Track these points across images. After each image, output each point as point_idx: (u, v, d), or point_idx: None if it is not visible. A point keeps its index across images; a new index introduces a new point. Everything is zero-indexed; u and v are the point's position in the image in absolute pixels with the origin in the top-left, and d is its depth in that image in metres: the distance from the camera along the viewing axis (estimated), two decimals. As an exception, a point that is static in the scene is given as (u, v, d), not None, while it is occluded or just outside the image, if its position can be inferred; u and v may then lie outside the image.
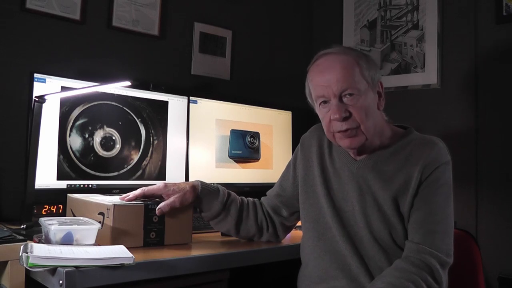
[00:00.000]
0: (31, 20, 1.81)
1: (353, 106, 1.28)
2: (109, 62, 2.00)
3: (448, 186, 1.30)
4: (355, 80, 1.28)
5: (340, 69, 1.29)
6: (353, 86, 1.28)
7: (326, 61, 1.33)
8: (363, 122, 1.29)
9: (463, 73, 2.15)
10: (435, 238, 1.23)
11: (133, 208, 1.36)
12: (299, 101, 2.67)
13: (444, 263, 1.22)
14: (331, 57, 1.32)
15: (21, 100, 1.71)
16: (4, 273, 1.20)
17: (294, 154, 1.55)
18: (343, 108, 1.28)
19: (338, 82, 1.28)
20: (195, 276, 1.31)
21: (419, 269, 1.19)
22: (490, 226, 2.02)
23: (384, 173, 1.32)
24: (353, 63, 1.30)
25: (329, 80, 1.29)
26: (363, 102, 1.29)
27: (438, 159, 1.29)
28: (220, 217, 1.48)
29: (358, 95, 1.28)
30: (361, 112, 1.28)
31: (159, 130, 1.93)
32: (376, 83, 1.34)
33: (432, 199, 1.27)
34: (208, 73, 2.32)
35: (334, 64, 1.30)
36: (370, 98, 1.31)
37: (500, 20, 2.05)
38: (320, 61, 1.34)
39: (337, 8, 2.64)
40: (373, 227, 1.30)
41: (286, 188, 1.53)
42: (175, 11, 2.22)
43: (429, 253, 1.21)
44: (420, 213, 1.26)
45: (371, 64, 1.34)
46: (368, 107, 1.30)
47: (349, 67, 1.29)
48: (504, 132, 2.02)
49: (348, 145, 1.32)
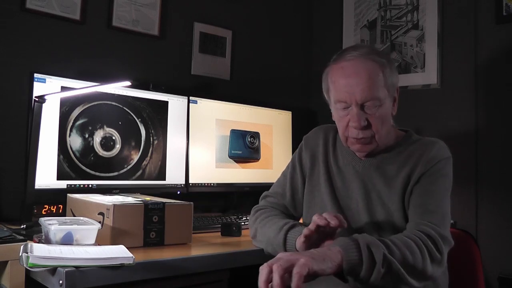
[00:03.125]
0: (31, 20, 1.81)
1: (372, 115, 1.29)
2: (109, 62, 2.00)
3: (449, 180, 1.32)
4: (378, 90, 1.28)
5: (366, 77, 1.27)
6: (376, 96, 1.28)
7: (352, 66, 1.29)
8: (378, 132, 1.30)
9: (463, 73, 2.15)
10: (434, 218, 1.23)
11: (133, 208, 1.36)
12: (299, 101, 2.70)
13: (444, 238, 1.20)
14: (358, 62, 1.29)
15: (21, 100, 1.71)
16: (4, 273, 1.20)
17: (297, 155, 1.54)
18: (363, 117, 1.28)
19: (362, 92, 1.27)
20: (195, 276, 1.32)
21: (418, 237, 1.17)
22: (490, 226, 2.02)
23: (388, 171, 1.34)
24: (379, 71, 1.29)
25: (353, 87, 1.28)
26: (382, 111, 1.30)
27: (439, 154, 1.31)
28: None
29: (379, 105, 1.29)
30: (379, 121, 1.30)
31: (159, 130, 1.93)
32: (394, 90, 1.35)
33: (432, 187, 1.28)
34: (208, 73, 2.32)
35: (361, 72, 1.28)
36: (388, 106, 1.32)
37: (500, 20, 2.04)
38: (345, 64, 1.31)
39: (337, 8, 2.64)
40: (377, 224, 1.32)
41: (298, 188, 1.51)
42: (175, 11, 2.22)
43: (428, 225, 1.21)
44: (419, 198, 1.28)
45: (393, 71, 1.34)
46: (385, 116, 1.31)
47: (374, 76, 1.28)
48: (504, 132, 2.01)
49: (358, 149, 1.35)
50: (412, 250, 1.13)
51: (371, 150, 1.34)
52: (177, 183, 1.97)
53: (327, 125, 1.54)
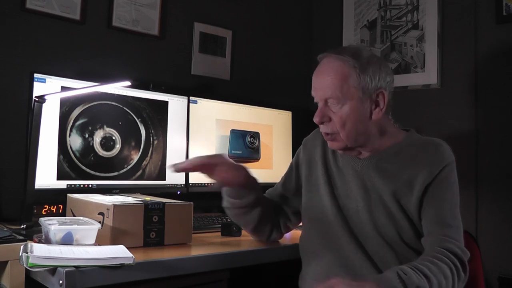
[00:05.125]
0: (31, 20, 1.81)
1: (334, 113, 1.32)
2: (109, 62, 2.00)
3: (457, 185, 1.33)
4: (342, 89, 1.30)
5: (332, 74, 1.31)
6: (336, 95, 1.30)
7: (323, 64, 1.35)
8: (341, 130, 1.32)
9: (463, 73, 2.15)
10: (452, 232, 1.25)
11: (133, 208, 1.36)
12: (299, 101, 2.70)
13: (465, 254, 1.23)
14: (328, 61, 1.34)
15: (21, 100, 1.70)
16: (4, 273, 1.21)
17: (296, 156, 1.57)
18: (323, 113, 1.33)
19: (322, 89, 1.32)
20: (195, 276, 1.32)
21: (447, 258, 1.19)
22: (490, 226, 2.02)
23: (387, 170, 1.34)
24: (347, 71, 1.30)
25: (319, 83, 1.34)
26: (345, 110, 1.31)
27: (444, 158, 1.31)
28: (246, 209, 1.47)
29: (341, 104, 1.31)
30: (340, 120, 1.31)
31: (159, 130, 1.93)
32: (373, 92, 1.32)
33: (444, 196, 1.29)
34: (208, 73, 2.32)
35: (327, 70, 1.33)
36: (357, 107, 1.31)
37: (500, 20, 2.04)
38: (320, 63, 1.37)
39: (337, 8, 2.64)
40: (378, 223, 1.32)
41: (290, 188, 1.55)
42: (175, 11, 2.22)
43: (451, 242, 1.22)
44: (433, 210, 1.28)
45: (372, 73, 1.31)
46: (349, 116, 1.31)
47: (340, 75, 1.30)
48: (504, 132, 2.01)
49: (329, 146, 1.40)
50: (446, 275, 1.16)
51: (341, 148, 1.37)
52: (177, 183, 1.97)
53: None
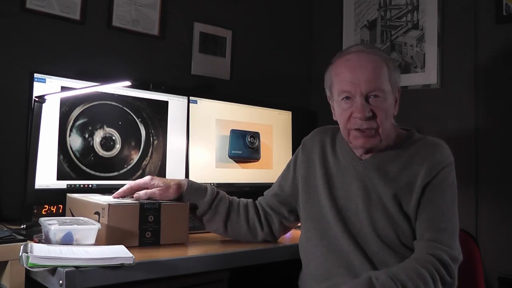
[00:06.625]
0: (31, 20, 1.81)
1: (377, 107, 1.31)
2: (109, 62, 2.00)
3: (454, 187, 1.32)
4: (383, 82, 1.31)
5: (371, 68, 1.31)
6: (380, 88, 1.30)
7: (357, 58, 1.33)
8: (382, 124, 1.31)
9: (463, 73, 2.15)
10: (445, 236, 1.25)
11: (128, 208, 1.36)
12: (299, 101, 2.70)
13: (455, 260, 1.23)
14: (363, 55, 1.33)
15: (21, 100, 1.70)
16: (4, 273, 1.20)
17: (294, 156, 1.57)
18: (367, 108, 1.30)
19: (367, 82, 1.30)
20: (195, 276, 1.32)
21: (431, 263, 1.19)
22: (490, 226, 2.02)
23: (388, 172, 1.34)
24: (383, 65, 1.33)
25: (358, 78, 1.30)
26: (386, 105, 1.32)
27: (443, 159, 1.31)
28: (208, 215, 1.49)
29: (383, 98, 1.31)
30: (383, 114, 1.31)
31: (159, 130, 1.93)
32: (396, 89, 1.37)
33: (440, 199, 1.29)
34: (208, 73, 2.32)
35: (366, 63, 1.31)
36: (390, 102, 1.35)
37: (500, 20, 2.04)
38: (350, 57, 1.35)
39: (337, 8, 2.64)
40: (377, 225, 1.31)
41: (285, 188, 1.54)
42: (175, 11, 2.22)
43: (440, 249, 1.22)
44: (428, 212, 1.28)
45: (396, 68, 1.38)
46: (388, 110, 1.33)
47: (379, 68, 1.32)
48: (504, 132, 2.01)
49: (361, 144, 1.34)
50: (426, 280, 1.16)
51: (373, 145, 1.34)
52: (177, 183, 1.97)
53: (325, 127, 1.55)
